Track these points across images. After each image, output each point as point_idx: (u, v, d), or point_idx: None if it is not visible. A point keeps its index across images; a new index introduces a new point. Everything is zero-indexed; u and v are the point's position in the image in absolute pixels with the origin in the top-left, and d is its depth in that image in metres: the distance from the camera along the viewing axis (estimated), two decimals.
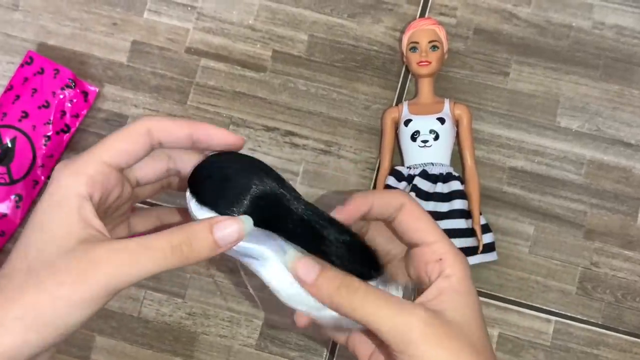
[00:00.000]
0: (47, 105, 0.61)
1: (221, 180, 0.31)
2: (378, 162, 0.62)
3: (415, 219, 0.34)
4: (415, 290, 0.39)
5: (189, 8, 0.66)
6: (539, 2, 0.64)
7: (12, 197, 0.60)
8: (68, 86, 0.62)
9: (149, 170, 0.34)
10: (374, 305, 0.31)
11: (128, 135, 0.31)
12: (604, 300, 0.60)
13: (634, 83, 0.63)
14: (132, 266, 0.28)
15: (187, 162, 0.34)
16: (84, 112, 0.63)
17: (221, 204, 0.31)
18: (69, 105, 0.62)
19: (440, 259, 0.33)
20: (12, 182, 0.60)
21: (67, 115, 0.62)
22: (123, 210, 0.35)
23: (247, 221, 0.31)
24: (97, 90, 0.64)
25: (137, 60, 0.65)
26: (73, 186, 0.29)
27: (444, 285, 0.32)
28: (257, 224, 0.31)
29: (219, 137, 0.33)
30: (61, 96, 0.62)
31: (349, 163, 0.63)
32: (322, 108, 0.64)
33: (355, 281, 0.32)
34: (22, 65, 0.62)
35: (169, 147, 0.33)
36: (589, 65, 0.63)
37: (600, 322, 0.60)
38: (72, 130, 0.63)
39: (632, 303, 0.60)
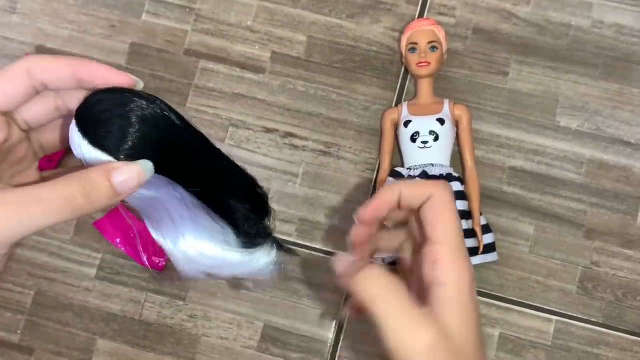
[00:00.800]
0: None
1: (103, 116, 0.29)
2: (378, 163, 0.62)
3: (434, 212, 0.32)
4: None
5: (187, 10, 0.66)
6: (538, 1, 0.64)
7: None
8: None
9: (35, 109, 0.32)
10: (388, 305, 0.29)
11: (5, 76, 0.29)
12: (604, 299, 0.60)
13: (634, 82, 0.62)
14: (22, 220, 0.26)
15: (77, 100, 0.31)
16: None
17: (109, 143, 0.29)
18: None
19: (434, 262, 0.31)
20: None
21: None
22: (21, 156, 0.33)
23: (146, 165, 0.29)
24: None
25: (135, 62, 0.65)
26: None
27: (443, 296, 0.30)
28: (156, 169, 0.29)
29: (104, 76, 0.30)
30: None
31: (349, 164, 0.63)
32: (321, 109, 0.64)
33: (376, 269, 0.31)
34: None
35: (55, 88, 0.31)
36: (589, 65, 0.63)
37: (601, 322, 0.60)
38: None
39: (633, 302, 0.60)
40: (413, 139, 0.59)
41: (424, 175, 0.58)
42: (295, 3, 0.65)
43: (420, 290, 0.32)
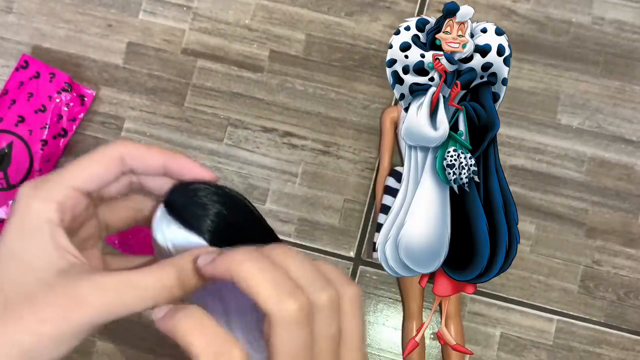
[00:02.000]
0: (43, 110, 0.61)
1: (201, 201, 0.30)
2: (377, 162, 0.62)
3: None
4: None
5: (185, 8, 0.65)
6: None
7: (10, 202, 0.60)
8: (64, 90, 0.61)
9: (112, 186, 0.32)
10: (202, 334, 0.28)
11: (100, 161, 0.29)
12: (606, 298, 0.60)
13: (635, 79, 0.62)
14: (118, 305, 0.27)
15: (153, 180, 0.32)
16: (81, 115, 0.63)
17: (202, 225, 0.30)
18: (66, 109, 0.61)
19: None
20: (10, 187, 0.60)
21: (64, 118, 0.62)
22: (90, 233, 0.33)
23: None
24: (94, 93, 0.63)
25: (132, 62, 0.65)
26: (43, 213, 0.27)
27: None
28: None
29: (193, 172, 0.31)
30: (57, 100, 0.61)
31: (348, 163, 0.62)
32: (320, 108, 0.63)
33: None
34: (17, 69, 0.62)
35: (140, 173, 0.32)
36: (589, 62, 0.62)
37: (602, 321, 0.59)
38: (70, 134, 0.62)
39: (635, 301, 0.59)
40: None
41: None
42: (294, 1, 0.65)
43: None
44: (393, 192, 0.58)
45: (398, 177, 0.59)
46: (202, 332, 0.27)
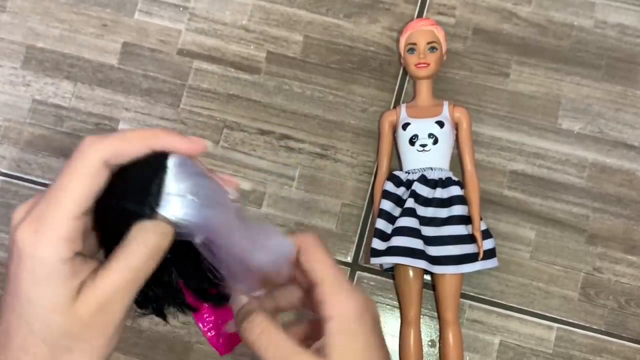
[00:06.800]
0: None
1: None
2: (376, 166, 0.61)
3: (307, 258, 0.33)
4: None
5: (181, 9, 0.64)
6: (539, 1, 0.62)
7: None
8: None
9: None
10: (269, 343, 0.31)
11: (87, 174, 0.28)
12: (607, 306, 0.59)
13: (637, 83, 0.61)
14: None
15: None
16: None
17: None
18: None
19: (321, 303, 0.31)
20: None
21: None
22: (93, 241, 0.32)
23: None
24: None
25: (128, 62, 0.64)
26: (54, 255, 0.26)
27: (330, 328, 0.31)
28: None
29: (177, 147, 0.29)
30: None
31: (346, 167, 0.61)
32: (318, 111, 0.62)
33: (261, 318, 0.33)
34: None
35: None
36: (591, 66, 0.62)
37: (603, 329, 0.58)
38: None
39: (636, 309, 0.58)
40: (412, 141, 0.58)
41: (423, 179, 0.57)
42: (292, 2, 0.64)
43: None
44: (391, 197, 0.57)
45: (397, 181, 0.58)
46: (268, 341, 0.31)
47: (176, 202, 0.28)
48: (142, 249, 0.28)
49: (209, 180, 0.30)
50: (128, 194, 0.28)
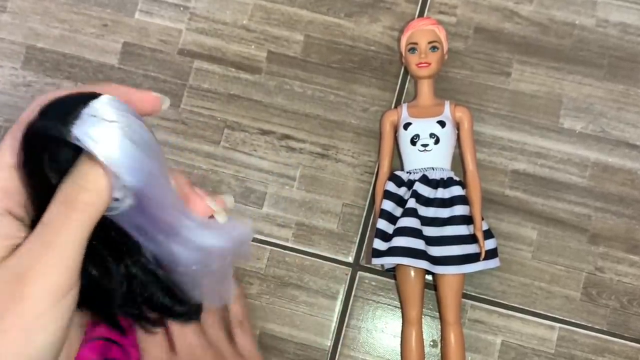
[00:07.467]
0: None
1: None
2: (377, 166, 0.61)
3: None
4: None
5: (182, 8, 0.64)
6: None
7: None
8: None
9: None
10: None
11: (23, 123, 0.24)
12: (609, 306, 0.58)
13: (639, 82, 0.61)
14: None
15: None
16: None
17: None
18: None
19: None
20: None
21: None
22: None
23: None
24: None
25: (128, 62, 0.64)
26: None
27: None
28: None
29: (128, 97, 0.26)
30: None
31: (347, 167, 0.61)
32: (319, 110, 0.62)
33: None
34: None
35: None
36: (593, 65, 0.61)
37: (605, 329, 0.58)
38: None
39: (638, 309, 0.58)
40: (413, 141, 0.58)
41: (424, 179, 0.57)
42: (292, 1, 0.63)
43: None
44: (393, 197, 0.57)
45: (398, 182, 0.58)
46: None
47: (105, 129, 0.22)
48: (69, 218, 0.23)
49: (151, 135, 0.24)
50: (49, 114, 0.23)
